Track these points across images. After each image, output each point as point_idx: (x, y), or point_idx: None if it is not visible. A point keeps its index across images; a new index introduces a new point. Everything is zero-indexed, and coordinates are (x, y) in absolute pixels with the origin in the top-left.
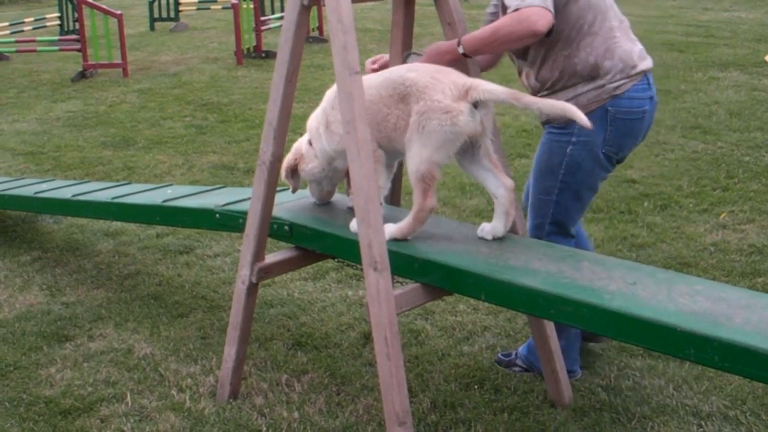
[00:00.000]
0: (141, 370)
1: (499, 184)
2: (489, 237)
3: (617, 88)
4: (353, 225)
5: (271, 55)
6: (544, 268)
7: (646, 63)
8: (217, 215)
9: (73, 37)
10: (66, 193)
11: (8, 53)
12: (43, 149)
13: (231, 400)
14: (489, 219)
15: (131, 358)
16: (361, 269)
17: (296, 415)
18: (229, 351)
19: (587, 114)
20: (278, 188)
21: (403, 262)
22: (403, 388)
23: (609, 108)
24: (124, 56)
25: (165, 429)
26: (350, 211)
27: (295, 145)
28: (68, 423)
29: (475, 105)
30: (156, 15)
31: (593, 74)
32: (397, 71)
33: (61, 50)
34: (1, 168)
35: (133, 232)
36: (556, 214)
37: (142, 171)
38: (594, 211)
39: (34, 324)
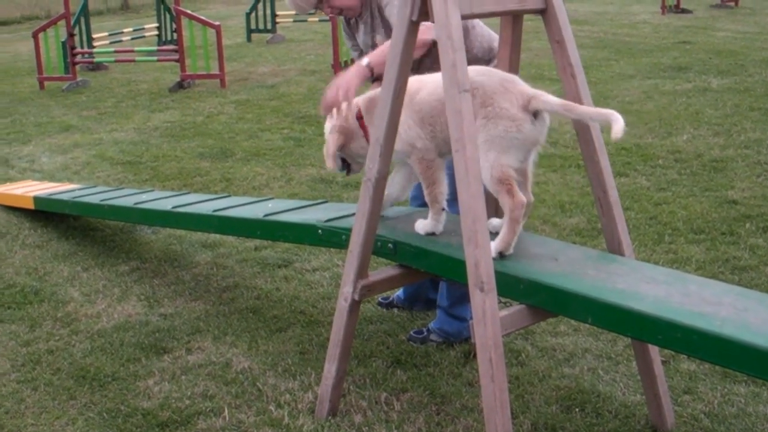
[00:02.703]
0: (239, 385)
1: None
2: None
3: None
4: (418, 225)
5: None
6: (652, 291)
7: None
8: (320, 231)
9: (172, 47)
10: (166, 205)
11: (107, 63)
12: (141, 159)
13: (330, 418)
14: (590, 238)
15: (229, 372)
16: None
17: None
18: (330, 368)
19: None
20: None
21: (509, 283)
22: (507, 411)
23: None
24: (221, 67)
25: None
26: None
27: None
28: None
29: (535, 115)
30: (253, 26)
31: (490, 56)
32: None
33: (159, 60)
34: (99, 177)
35: (231, 244)
36: None
37: (240, 183)
38: (695, 232)
39: (132, 335)
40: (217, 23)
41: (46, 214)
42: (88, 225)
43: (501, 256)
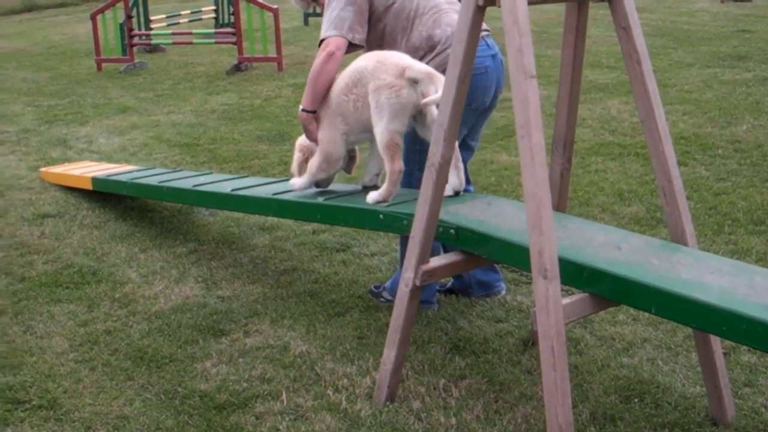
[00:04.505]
0: (297, 368)
1: None
2: (450, 192)
3: None
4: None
5: None
6: (717, 282)
7: None
8: (382, 216)
9: (229, 30)
10: (225, 187)
11: (165, 45)
12: (199, 141)
13: (388, 403)
14: (648, 227)
15: (287, 356)
16: (524, 275)
17: (453, 421)
18: (389, 353)
19: None
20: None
21: (572, 271)
22: (568, 400)
23: None
24: (279, 50)
25: (320, 429)
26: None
27: (301, 141)
28: (223, 418)
29: (415, 81)
30: (310, 10)
31: (430, 44)
32: (353, 64)
33: (216, 43)
34: (157, 159)
35: (289, 228)
36: (423, 162)
37: None
38: (755, 223)
39: (190, 317)
40: (274, 6)
41: (104, 195)
42: (146, 206)
43: (378, 203)
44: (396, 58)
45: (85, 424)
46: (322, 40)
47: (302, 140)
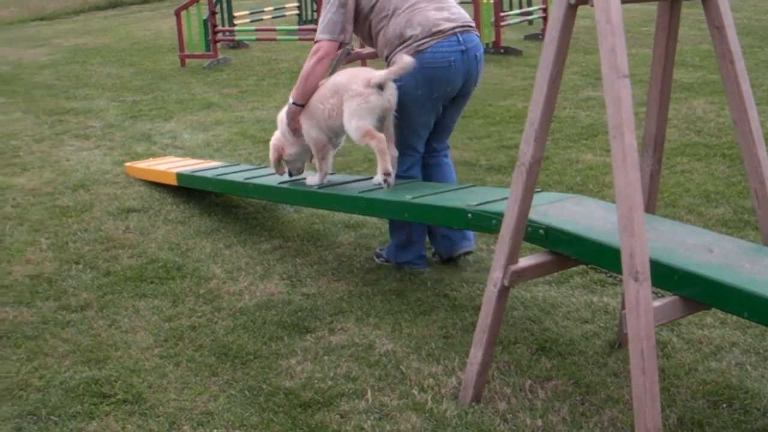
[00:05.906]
0: (382, 367)
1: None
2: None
3: (420, 45)
4: (308, 180)
5: (510, 52)
6: None
7: (452, 24)
8: (470, 215)
9: (312, 27)
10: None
11: (248, 41)
12: None
13: (474, 404)
14: (736, 229)
15: (372, 354)
16: (611, 276)
17: (539, 423)
18: (476, 354)
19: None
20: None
21: (663, 273)
22: (657, 404)
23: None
24: (362, 47)
25: (406, 429)
26: None
27: (274, 142)
28: (308, 416)
29: (381, 88)
30: None
31: (401, 40)
32: (332, 79)
33: (300, 40)
34: (241, 155)
35: (374, 225)
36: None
37: None
38: None
39: (275, 313)
40: None
41: (188, 190)
42: (230, 202)
43: (388, 175)
44: (365, 72)
45: (170, 419)
46: (316, 41)
47: (274, 141)
